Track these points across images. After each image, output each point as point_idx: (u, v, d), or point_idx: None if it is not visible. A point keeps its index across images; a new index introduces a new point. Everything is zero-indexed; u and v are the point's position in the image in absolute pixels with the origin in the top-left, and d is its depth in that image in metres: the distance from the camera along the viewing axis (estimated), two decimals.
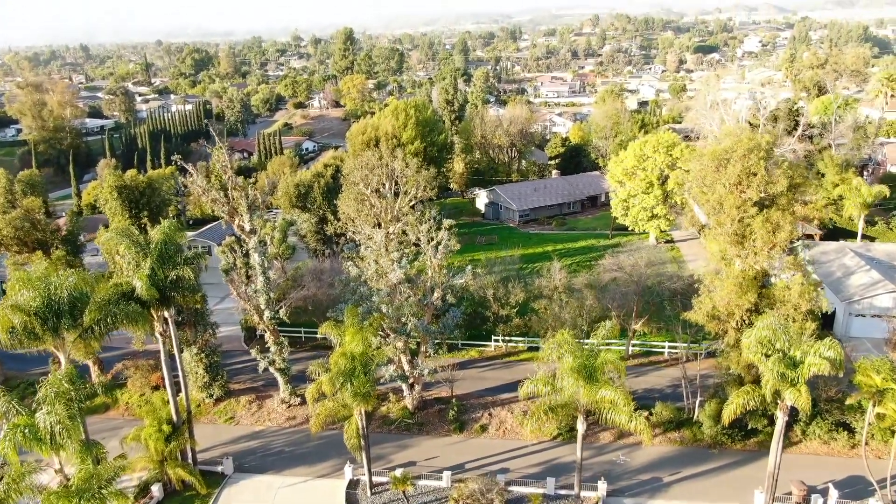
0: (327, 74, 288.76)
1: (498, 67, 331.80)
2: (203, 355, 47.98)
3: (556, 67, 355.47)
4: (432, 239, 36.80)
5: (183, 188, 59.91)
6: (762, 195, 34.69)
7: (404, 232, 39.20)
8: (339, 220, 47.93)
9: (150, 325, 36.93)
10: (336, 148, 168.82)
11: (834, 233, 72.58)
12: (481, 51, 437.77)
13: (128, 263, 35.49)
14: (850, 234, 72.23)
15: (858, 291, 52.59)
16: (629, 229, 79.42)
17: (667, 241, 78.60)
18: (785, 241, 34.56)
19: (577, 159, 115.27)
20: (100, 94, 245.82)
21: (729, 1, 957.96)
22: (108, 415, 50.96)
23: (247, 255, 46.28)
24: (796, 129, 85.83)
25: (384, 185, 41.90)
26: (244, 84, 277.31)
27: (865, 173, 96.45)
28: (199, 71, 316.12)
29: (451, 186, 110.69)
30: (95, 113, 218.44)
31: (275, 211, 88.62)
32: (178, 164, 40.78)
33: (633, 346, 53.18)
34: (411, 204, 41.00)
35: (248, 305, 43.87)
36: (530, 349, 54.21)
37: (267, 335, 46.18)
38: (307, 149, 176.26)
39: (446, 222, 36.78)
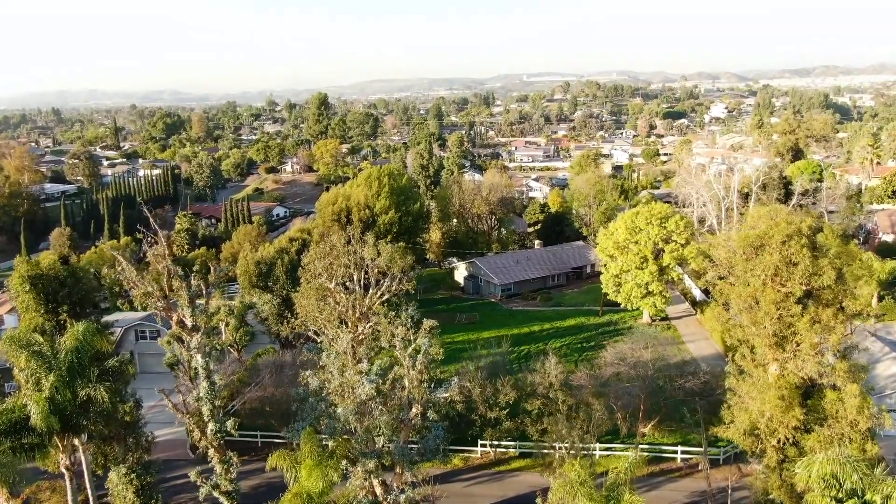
0: (301, 139, 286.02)
1: (472, 132, 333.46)
2: (134, 476, 39.83)
3: (530, 132, 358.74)
4: (409, 342, 30.32)
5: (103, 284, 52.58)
6: (805, 288, 29.08)
7: (375, 334, 32.73)
8: (296, 317, 41.03)
9: (55, 457, 29.34)
10: (308, 214, 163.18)
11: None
12: (455, 116, 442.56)
13: (26, 380, 28.14)
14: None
15: (889, 384, 46.90)
16: (620, 305, 73.64)
17: (662, 319, 72.91)
18: (837, 345, 28.81)
19: (558, 228, 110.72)
20: (64, 159, 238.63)
21: (691, 69, 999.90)
22: None
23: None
24: (789, 198, 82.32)
25: (352, 277, 35.58)
26: (216, 148, 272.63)
27: (857, 242, 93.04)
28: (171, 135, 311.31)
29: (428, 257, 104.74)
30: (58, 177, 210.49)
31: (234, 285, 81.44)
32: (113, 251, 33.81)
33: (641, 449, 46.24)
34: (384, 299, 34.72)
35: (186, 419, 36.31)
36: (522, 455, 47.08)
37: (211, 452, 38.35)
38: (278, 215, 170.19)
39: (427, 323, 30.40)
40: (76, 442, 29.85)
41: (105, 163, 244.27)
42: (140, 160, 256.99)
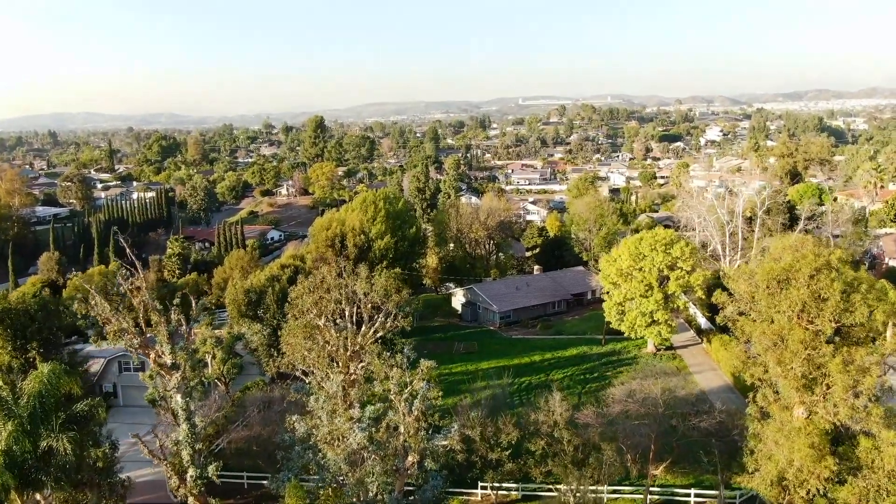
0: (297, 161, 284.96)
1: (469, 155, 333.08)
2: None
3: (526, 155, 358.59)
4: (405, 385, 27.72)
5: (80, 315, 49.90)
6: (836, 325, 26.77)
7: (368, 374, 30.13)
8: (283, 355, 38.29)
9: None
10: (303, 237, 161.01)
11: None
12: (451, 139, 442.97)
13: None
14: None
15: None
16: (624, 334, 71.10)
17: (667, 349, 70.37)
18: (871, 388, 26.41)
19: (558, 252, 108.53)
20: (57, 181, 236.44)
21: (685, 93, 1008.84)
22: None
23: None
24: (794, 223, 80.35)
25: (343, 312, 33.07)
26: (211, 171, 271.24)
27: (864, 267, 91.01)
28: (166, 157, 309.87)
29: (425, 282, 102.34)
30: (51, 200, 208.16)
31: (223, 313, 78.80)
32: (80, 286, 31.27)
33: (651, 492, 43.47)
34: (377, 336, 32.14)
35: (164, 466, 33.60)
36: (525, 499, 44.26)
37: (190, 500, 35.58)
38: (272, 238, 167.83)
39: (424, 364, 27.88)
40: (38, 497, 27.16)
41: (99, 185, 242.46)
42: (134, 183, 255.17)
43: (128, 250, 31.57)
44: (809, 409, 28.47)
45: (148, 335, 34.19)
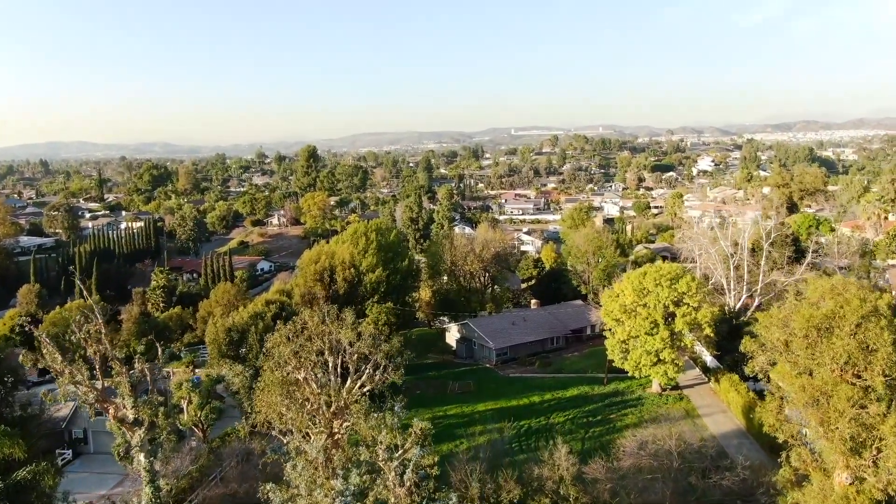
0: (289, 191, 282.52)
1: (462, 185, 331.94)
2: None
3: (519, 185, 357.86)
4: (396, 449, 24.14)
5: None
6: (886, 380, 23.54)
7: (353, 434, 26.62)
8: (257, 413, 34.49)
9: None
10: (293, 269, 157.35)
11: None
12: (445, 168, 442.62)
13: None
14: None
15: None
16: (627, 373, 67.58)
17: (673, 388, 66.81)
18: None
19: (555, 285, 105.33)
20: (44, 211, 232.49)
21: (676, 124, 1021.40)
22: None
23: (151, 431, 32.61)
24: (801, 256, 77.62)
25: (326, 364, 29.58)
26: (202, 200, 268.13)
27: None
28: (157, 187, 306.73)
29: (418, 316, 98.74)
30: (36, 230, 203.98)
31: (203, 350, 74.89)
32: (37, 336, 27.69)
33: None
34: (365, 390, 28.67)
35: None
36: None
37: None
38: (262, 269, 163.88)
39: (418, 425, 24.38)
40: None
41: (87, 215, 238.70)
42: (123, 212, 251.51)
43: (84, 293, 28.06)
44: (856, 474, 25.09)
45: (108, 386, 30.57)
